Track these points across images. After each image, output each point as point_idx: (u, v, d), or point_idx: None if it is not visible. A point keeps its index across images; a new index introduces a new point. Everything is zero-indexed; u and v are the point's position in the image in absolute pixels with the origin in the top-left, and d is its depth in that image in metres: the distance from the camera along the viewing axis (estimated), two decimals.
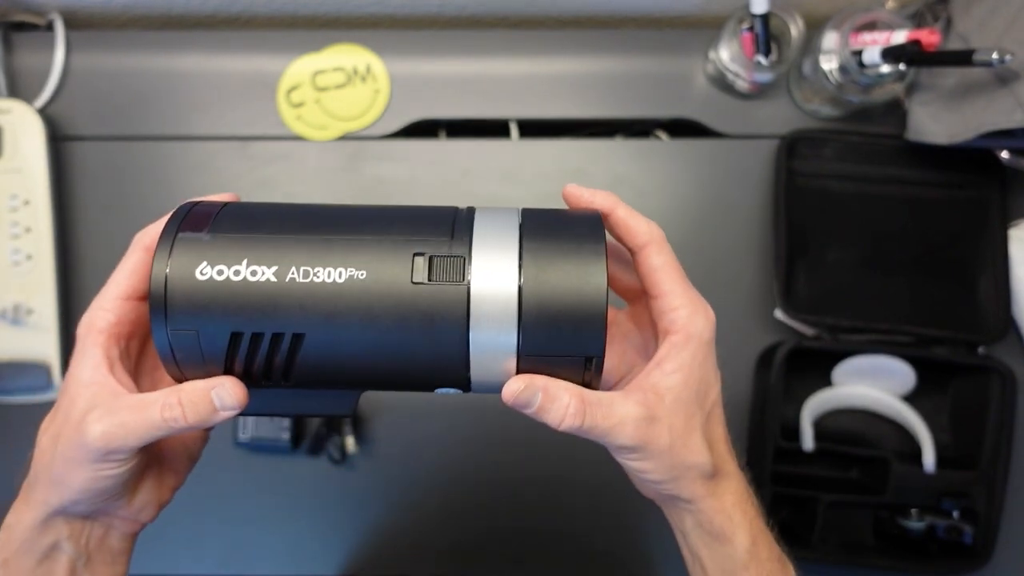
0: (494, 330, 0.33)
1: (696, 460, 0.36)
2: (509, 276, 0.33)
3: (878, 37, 0.62)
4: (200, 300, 0.33)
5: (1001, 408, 0.64)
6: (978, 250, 0.67)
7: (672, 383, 0.36)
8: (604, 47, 0.71)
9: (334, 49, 0.70)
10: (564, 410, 0.34)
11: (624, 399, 0.35)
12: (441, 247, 0.33)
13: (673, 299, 0.37)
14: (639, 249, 0.38)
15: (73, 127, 0.69)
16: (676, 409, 0.36)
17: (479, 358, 0.34)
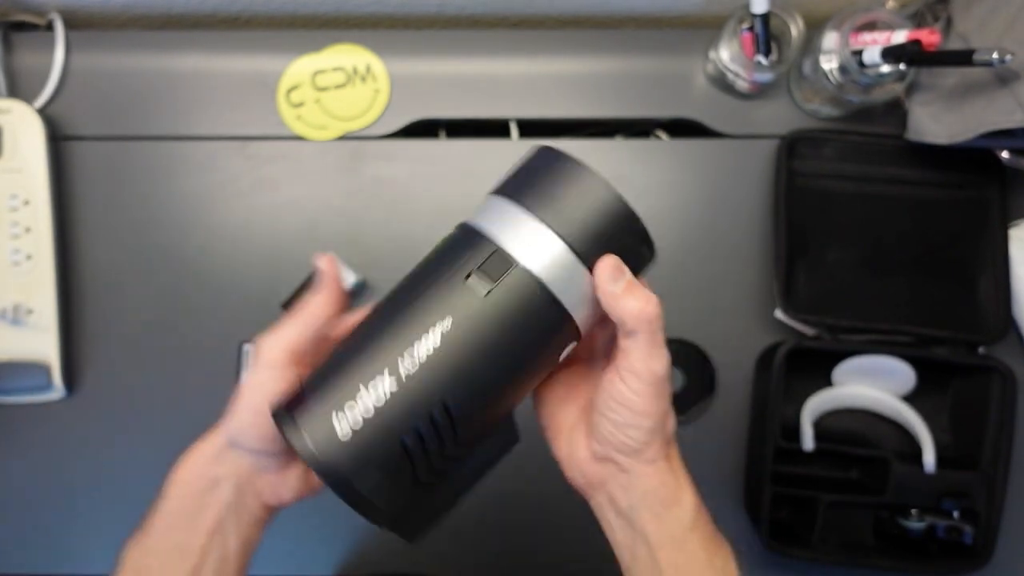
0: (568, 277, 0.35)
1: (671, 422, 0.38)
2: (541, 232, 0.35)
3: (878, 37, 0.62)
4: (357, 450, 0.34)
5: (1001, 408, 0.64)
6: (978, 250, 0.67)
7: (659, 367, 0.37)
8: (604, 47, 0.71)
9: (334, 49, 0.70)
10: (648, 297, 0.35)
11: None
12: (477, 259, 0.35)
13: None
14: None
15: (73, 127, 0.69)
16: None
17: (574, 306, 0.35)
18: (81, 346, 0.68)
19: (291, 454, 0.40)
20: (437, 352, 0.34)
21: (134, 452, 0.67)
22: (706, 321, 0.68)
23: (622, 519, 0.39)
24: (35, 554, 0.67)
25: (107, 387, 0.68)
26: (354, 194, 0.69)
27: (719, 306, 0.69)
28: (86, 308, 0.68)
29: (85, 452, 0.67)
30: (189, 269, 0.69)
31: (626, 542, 0.40)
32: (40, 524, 0.68)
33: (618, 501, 0.39)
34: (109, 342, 0.68)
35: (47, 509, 0.68)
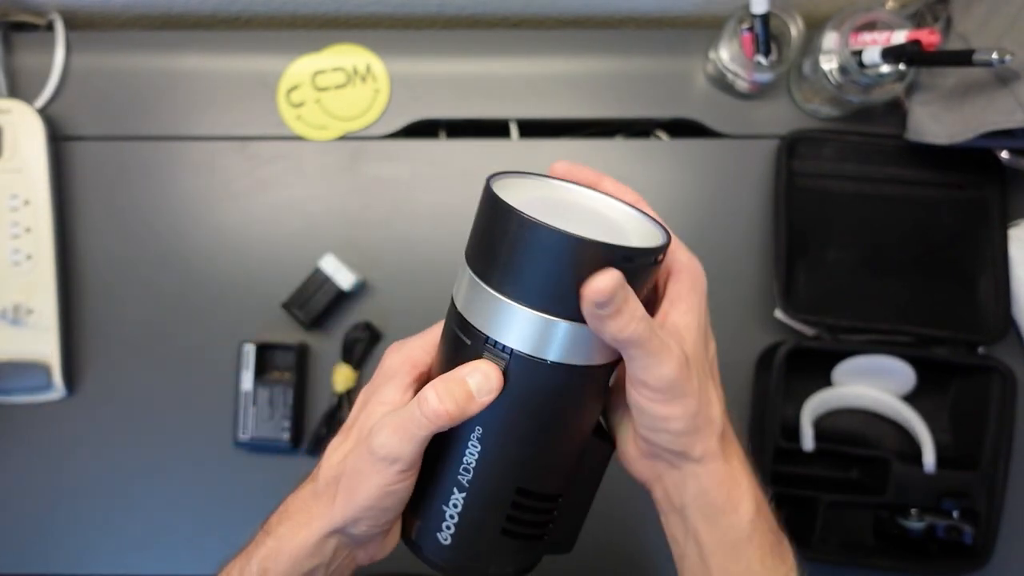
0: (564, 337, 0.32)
1: (714, 412, 0.35)
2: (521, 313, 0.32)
3: (878, 37, 0.62)
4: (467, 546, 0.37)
5: (1001, 408, 0.64)
6: (978, 250, 0.67)
7: (688, 323, 0.34)
8: (604, 47, 0.71)
9: (334, 49, 0.70)
10: (631, 315, 0.31)
11: (666, 330, 0.33)
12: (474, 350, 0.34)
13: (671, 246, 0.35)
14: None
15: (73, 127, 0.69)
16: (695, 354, 0.34)
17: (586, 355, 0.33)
18: (81, 346, 0.68)
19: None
20: (484, 456, 0.35)
21: (134, 452, 0.67)
22: None
23: (676, 515, 0.37)
24: (35, 554, 0.67)
25: (107, 387, 0.68)
26: (354, 194, 0.69)
27: (719, 306, 0.68)
28: (86, 308, 0.68)
29: (85, 452, 0.68)
30: (189, 269, 0.69)
31: (678, 537, 0.38)
32: (40, 524, 0.68)
33: (672, 498, 0.37)
34: (109, 342, 0.68)
35: (47, 509, 0.68)
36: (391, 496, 0.35)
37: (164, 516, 0.67)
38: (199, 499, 0.67)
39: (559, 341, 0.32)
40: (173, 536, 0.67)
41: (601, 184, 0.38)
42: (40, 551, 0.67)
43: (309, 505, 0.38)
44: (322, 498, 0.37)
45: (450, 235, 0.68)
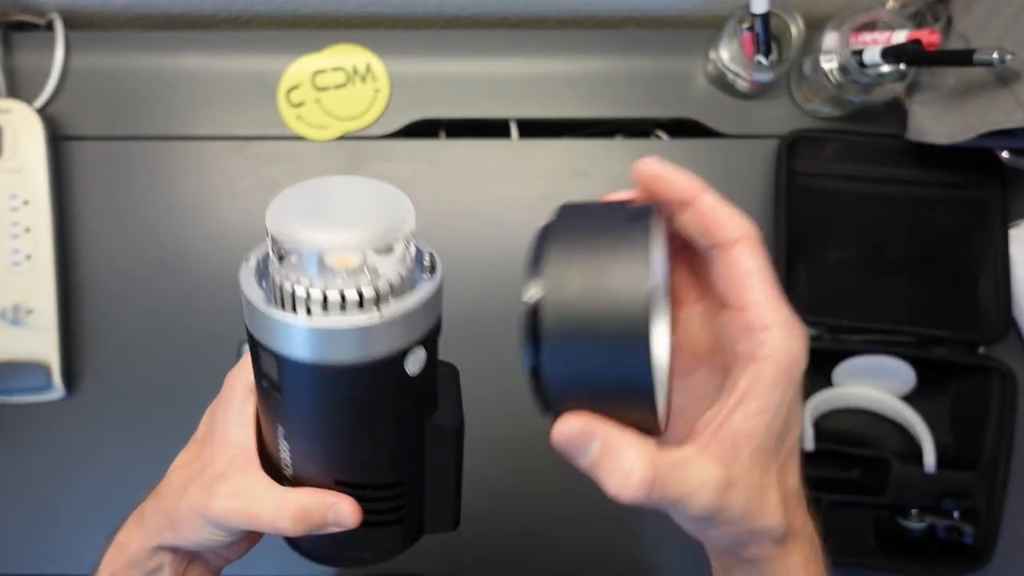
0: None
1: (770, 524, 0.30)
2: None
3: (878, 37, 0.62)
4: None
5: (1001, 408, 0.64)
6: (978, 250, 0.67)
7: (754, 429, 0.28)
8: (604, 47, 0.71)
9: (334, 49, 0.70)
10: (627, 475, 0.26)
11: (701, 458, 0.28)
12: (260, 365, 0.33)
13: (764, 314, 0.28)
14: (727, 247, 0.30)
15: (73, 127, 0.69)
16: (754, 464, 0.29)
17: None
18: (81, 346, 0.68)
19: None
20: (294, 453, 0.35)
21: (134, 452, 0.67)
22: None
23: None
24: (35, 554, 0.67)
25: (107, 387, 0.68)
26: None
27: None
28: (86, 308, 0.68)
29: (85, 452, 0.67)
30: (189, 269, 0.69)
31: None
32: (40, 524, 0.67)
33: (723, 571, 0.35)
34: (109, 342, 0.68)
35: (47, 509, 0.68)
36: (219, 542, 0.37)
37: None
38: None
39: (310, 340, 0.29)
40: None
41: (698, 200, 0.30)
42: (40, 551, 0.67)
43: (149, 513, 0.39)
44: (158, 514, 0.38)
45: (450, 235, 0.68)
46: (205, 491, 0.35)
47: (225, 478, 0.36)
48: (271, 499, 0.35)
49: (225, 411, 0.37)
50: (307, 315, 0.29)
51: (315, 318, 0.29)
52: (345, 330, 0.29)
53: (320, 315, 0.29)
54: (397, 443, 0.36)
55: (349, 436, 0.34)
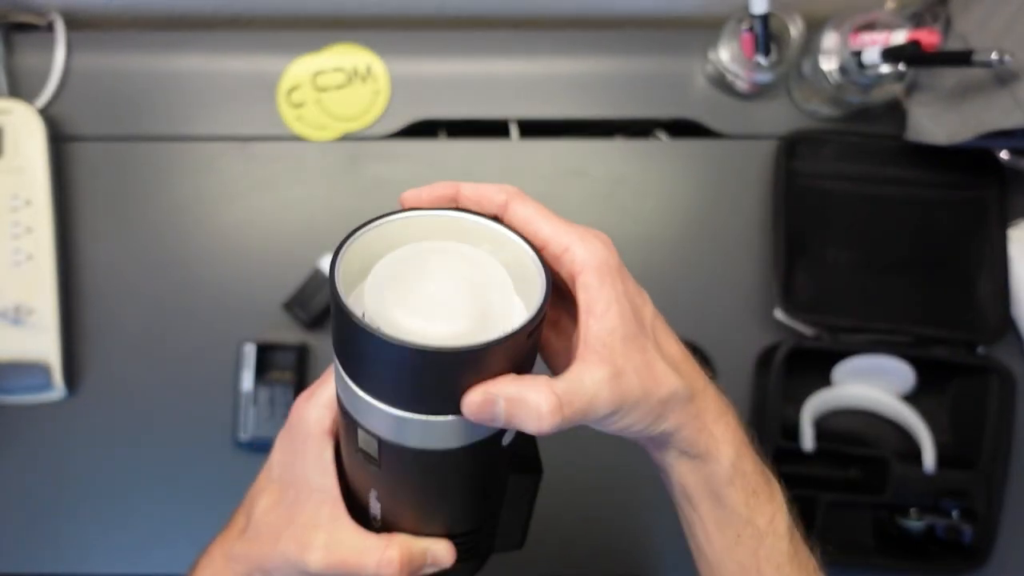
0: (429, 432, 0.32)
1: (670, 388, 0.33)
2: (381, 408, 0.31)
3: (878, 37, 0.62)
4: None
5: (1000, 408, 0.64)
6: (978, 250, 0.67)
7: (611, 324, 0.32)
8: (604, 47, 0.71)
9: (334, 49, 0.70)
10: (537, 412, 0.30)
11: (586, 366, 0.32)
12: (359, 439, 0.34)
13: (560, 238, 0.33)
14: (501, 210, 0.34)
15: (73, 127, 0.69)
16: (629, 348, 0.32)
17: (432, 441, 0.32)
18: (81, 346, 0.68)
19: None
20: (385, 511, 0.36)
21: (134, 452, 0.67)
22: (706, 321, 0.68)
23: (670, 475, 0.38)
24: (35, 554, 0.67)
25: (107, 387, 0.68)
26: (354, 194, 0.69)
27: (719, 306, 0.69)
28: (86, 308, 0.68)
29: (85, 452, 0.68)
30: (189, 269, 0.69)
31: (677, 497, 0.39)
32: (40, 524, 0.68)
33: (662, 462, 0.38)
34: (109, 342, 0.68)
35: (47, 509, 0.68)
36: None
37: (164, 516, 0.67)
38: (199, 499, 0.67)
39: (417, 433, 0.31)
40: (173, 536, 0.67)
41: (460, 194, 0.34)
42: (40, 551, 0.67)
43: (239, 542, 0.39)
44: (251, 559, 0.38)
45: None
46: (299, 542, 0.36)
47: (317, 528, 0.36)
48: (373, 548, 0.36)
49: (304, 456, 0.38)
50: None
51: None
52: (452, 421, 0.31)
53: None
54: (486, 497, 0.38)
55: (444, 499, 0.36)
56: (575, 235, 0.33)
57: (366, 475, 0.35)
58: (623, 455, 0.46)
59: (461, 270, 0.32)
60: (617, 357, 0.32)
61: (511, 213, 0.33)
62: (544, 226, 0.33)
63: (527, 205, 0.33)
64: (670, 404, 0.34)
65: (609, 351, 0.32)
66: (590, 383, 0.31)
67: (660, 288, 0.38)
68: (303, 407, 0.38)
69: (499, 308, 0.31)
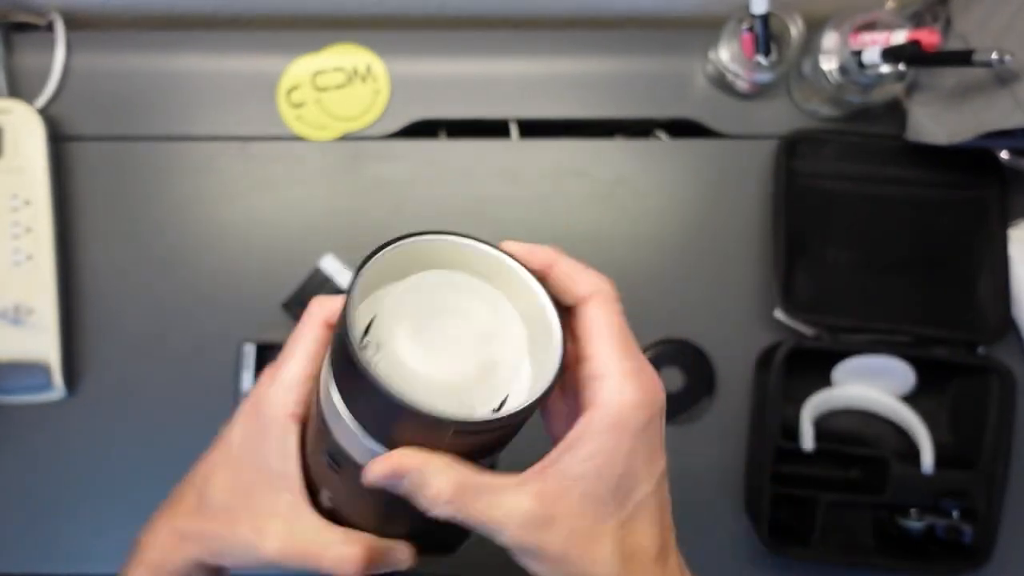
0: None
1: (599, 573, 0.29)
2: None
3: (878, 37, 0.62)
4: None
5: (1001, 408, 0.64)
6: (978, 250, 0.67)
7: (583, 472, 0.29)
8: (604, 47, 0.71)
9: (334, 49, 0.70)
10: (434, 496, 0.29)
11: (516, 489, 0.29)
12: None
13: (601, 364, 0.30)
14: (581, 304, 0.31)
15: (73, 127, 0.69)
16: (584, 508, 0.29)
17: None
18: (81, 346, 0.68)
19: None
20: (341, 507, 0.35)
21: (134, 452, 0.67)
22: (706, 321, 0.68)
23: None
24: (35, 554, 0.67)
25: (107, 387, 0.68)
26: (354, 194, 0.69)
27: (719, 306, 0.69)
28: (86, 308, 0.68)
29: (85, 452, 0.67)
30: (189, 269, 0.69)
31: None
32: (40, 524, 0.68)
33: None
34: (109, 342, 0.68)
35: (47, 509, 0.68)
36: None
37: None
38: None
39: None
40: None
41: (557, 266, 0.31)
42: (40, 551, 0.67)
43: (190, 534, 0.37)
44: (204, 538, 0.37)
45: None
46: (256, 529, 0.35)
47: (276, 515, 0.35)
48: (334, 542, 0.34)
49: (267, 440, 0.36)
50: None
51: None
52: None
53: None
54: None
55: (406, 513, 0.34)
56: (624, 369, 0.29)
57: (328, 474, 0.35)
58: None
59: (481, 313, 0.31)
60: (563, 506, 0.29)
61: (586, 308, 0.31)
62: (604, 341, 0.30)
63: (604, 309, 0.30)
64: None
65: (561, 495, 0.29)
66: (505, 507, 0.29)
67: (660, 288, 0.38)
68: (267, 387, 0.36)
69: (505, 364, 0.30)
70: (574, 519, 0.29)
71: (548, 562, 0.29)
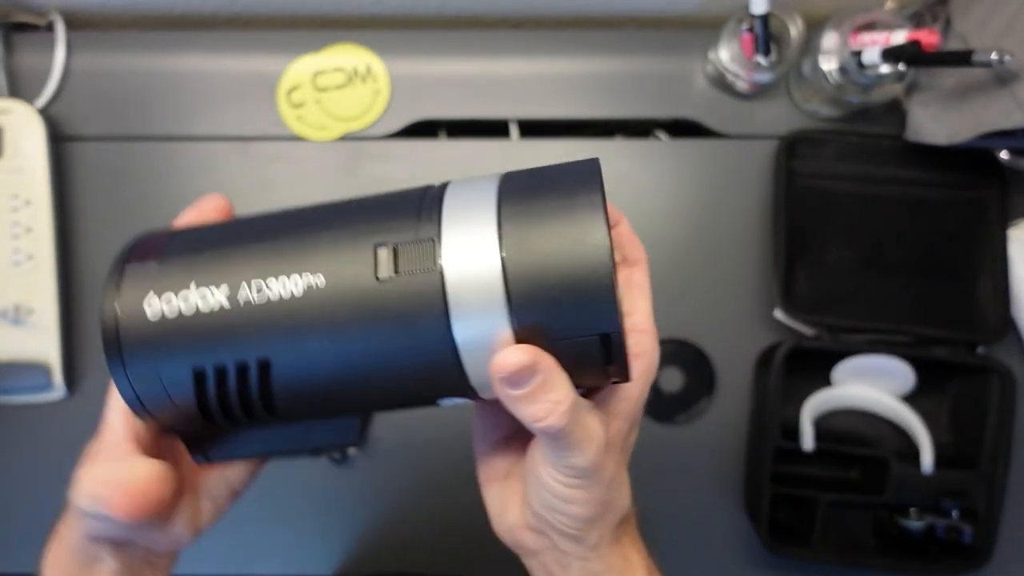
0: (481, 318, 0.27)
1: (623, 502, 0.33)
2: (489, 250, 0.27)
3: (878, 37, 0.62)
4: (151, 336, 0.30)
5: (1001, 408, 0.64)
6: (978, 250, 0.67)
7: (625, 409, 0.32)
8: (604, 47, 0.71)
9: (334, 49, 0.70)
10: (555, 405, 0.28)
11: (593, 414, 0.31)
12: (407, 232, 0.28)
13: (641, 320, 0.33)
14: (631, 264, 0.35)
15: (73, 127, 0.69)
16: (618, 441, 0.32)
17: (472, 355, 0.28)
18: (81, 346, 0.68)
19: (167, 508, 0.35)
20: (291, 302, 0.29)
21: None
22: (706, 321, 0.68)
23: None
24: (35, 554, 0.67)
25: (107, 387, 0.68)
26: (354, 194, 0.69)
27: (719, 306, 0.69)
28: (86, 308, 0.68)
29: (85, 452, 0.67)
30: None
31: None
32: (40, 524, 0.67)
33: (551, 570, 0.35)
34: None
35: (47, 509, 0.67)
36: (112, 530, 0.34)
37: None
38: None
39: (479, 321, 0.28)
40: None
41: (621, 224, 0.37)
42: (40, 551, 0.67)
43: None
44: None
45: None
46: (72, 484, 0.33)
47: (92, 463, 0.34)
48: (136, 468, 0.33)
49: (111, 395, 0.35)
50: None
51: None
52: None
53: None
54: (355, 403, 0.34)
55: (361, 366, 0.31)
56: (653, 330, 0.34)
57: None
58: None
59: None
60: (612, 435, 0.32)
61: (635, 270, 0.35)
62: (642, 300, 0.34)
63: (646, 278, 0.35)
64: (611, 515, 0.33)
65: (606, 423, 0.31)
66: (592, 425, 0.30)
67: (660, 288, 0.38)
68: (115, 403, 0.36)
69: None
70: (615, 449, 0.32)
71: (596, 486, 0.31)
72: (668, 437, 0.68)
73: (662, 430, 0.68)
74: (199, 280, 0.30)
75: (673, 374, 0.68)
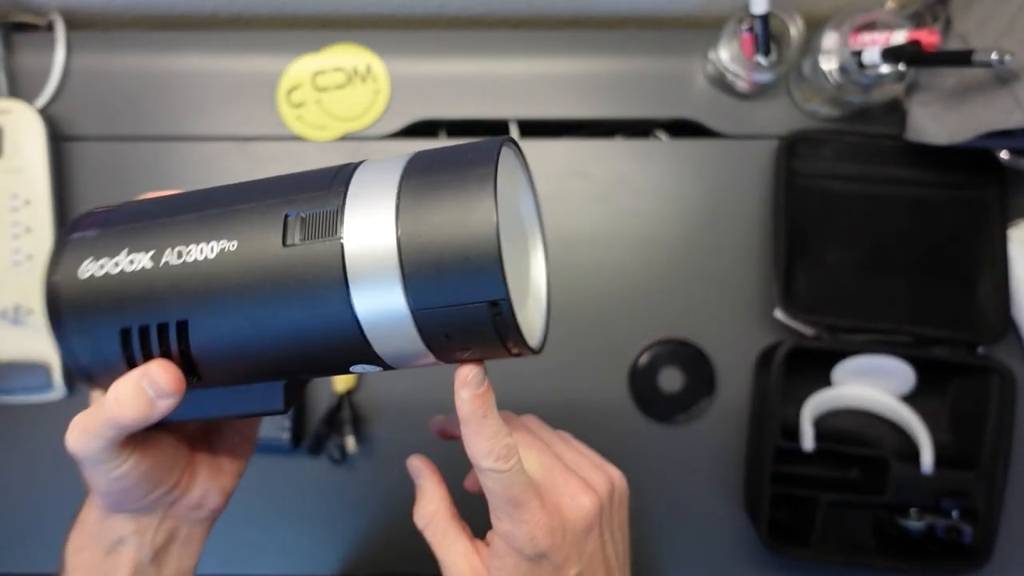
0: (378, 288, 0.29)
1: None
2: (385, 223, 0.29)
3: (878, 37, 0.62)
4: (85, 300, 0.33)
5: (1001, 408, 0.64)
6: (978, 250, 0.67)
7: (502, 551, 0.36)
8: (604, 47, 0.71)
9: (334, 49, 0.70)
10: (419, 513, 0.38)
11: (465, 545, 0.38)
12: (315, 204, 0.30)
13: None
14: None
15: (73, 127, 0.69)
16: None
17: (373, 324, 0.30)
18: None
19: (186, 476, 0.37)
20: (205, 264, 0.31)
21: None
22: (706, 321, 0.68)
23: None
24: (35, 554, 0.67)
25: None
26: None
27: (719, 306, 0.69)
28: None
29: None
30: None
31: None
32: (40, 524, 0.68)
33: None
34: None
35: (47, 509, 0.68)
36: (119, 479, 0.35)
37: None
38: None
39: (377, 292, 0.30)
40: None
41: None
42: (40, 551, 0.67)
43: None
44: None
45: None
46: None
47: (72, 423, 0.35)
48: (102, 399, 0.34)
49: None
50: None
51: None
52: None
53: None
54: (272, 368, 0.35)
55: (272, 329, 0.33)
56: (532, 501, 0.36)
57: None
58: (614, 454, 0.46)
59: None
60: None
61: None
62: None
63: (537, 427, 0.40)
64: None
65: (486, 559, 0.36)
66: (456, 554, 0.38)
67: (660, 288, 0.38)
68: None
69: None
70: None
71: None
72: (668, 437, 0.68)
73: (662, 430, 0.68)
74: (132, 247, 0.32)
75: (673, 374, 0.68)
